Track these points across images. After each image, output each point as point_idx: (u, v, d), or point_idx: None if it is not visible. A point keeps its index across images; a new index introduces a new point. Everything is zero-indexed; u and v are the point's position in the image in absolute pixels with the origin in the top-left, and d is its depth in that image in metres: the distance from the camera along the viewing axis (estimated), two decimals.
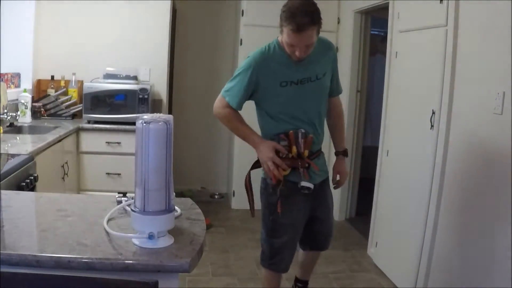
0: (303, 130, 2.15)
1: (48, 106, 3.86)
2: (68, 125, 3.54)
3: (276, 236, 2.26)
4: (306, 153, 2.15)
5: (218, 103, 2.25)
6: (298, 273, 2.67)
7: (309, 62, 2.16)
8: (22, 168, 2.32)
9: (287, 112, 2.18)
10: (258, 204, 2.34)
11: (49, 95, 3.88)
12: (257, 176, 2.32)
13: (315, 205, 2.31)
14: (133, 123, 1.33)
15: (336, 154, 2.44)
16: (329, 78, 2.28)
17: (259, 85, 2.15)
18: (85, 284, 1.06)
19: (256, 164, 2.25)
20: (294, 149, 2.13)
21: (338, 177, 2.42)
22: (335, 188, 2.46)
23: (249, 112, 2.31)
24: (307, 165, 2.15)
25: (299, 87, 2.15)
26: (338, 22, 4.48)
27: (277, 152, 2.12)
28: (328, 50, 2.27)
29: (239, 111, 2.24)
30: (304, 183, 2.13)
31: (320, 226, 2.40)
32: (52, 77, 4.01)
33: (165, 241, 1.31)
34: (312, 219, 2.34)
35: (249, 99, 2.22)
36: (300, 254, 2.55)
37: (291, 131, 2.14)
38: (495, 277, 2.20)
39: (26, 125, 3.52)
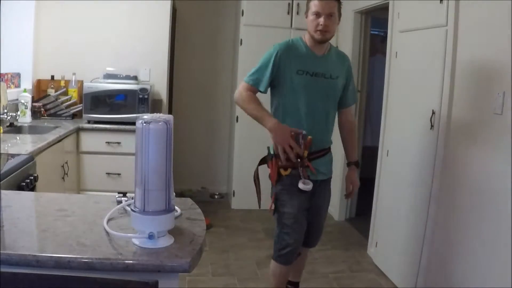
0: (304, 132, 2.24)
1: (48, 106, 3.86)
2: (68, 125, 3.54)
3: (284, 227, 2.36)
4: (306, 153, 2.26)
5: (240, 88, 2.37)
6: (289, 275, 2.68)
7: (327, 59, 2.37)
8: (22, 168, 2.32)
9: (297, 103, 2.31)
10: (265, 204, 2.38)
11: (49, 95, 3.88)
12: (266, 171, 2.43)
13: (313, 201, 2.41)
14: (133, 123, 1.33)
15: (348, 164, 2.56)
16: (342, 84, 2.42)
17: (279, 71, 2.30)
18: (85, 284, 1.06)
19: (263, 161, 2.40)
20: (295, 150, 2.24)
21: (350, 188, 2.53)
22: (346, 197, 2.60)
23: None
24: (306, 165, 2.27)
25: (314, 79, 2.31)
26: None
27: (276, 157, 2.25)
28: (344, 60, 2.48)
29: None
30: (301, 186, 2.26)
31: (313, 221, 2.48)
32: (52, 77, 4.01)
33: (165, 241, 1.31)
34: (307, 213, 2.43)
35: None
36: None
37: (292, 133, 2.24)
38: (495, 277, 2.20)
39: (26, 125, 3.52)
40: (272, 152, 2.35)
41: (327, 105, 2.39)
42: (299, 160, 2.25)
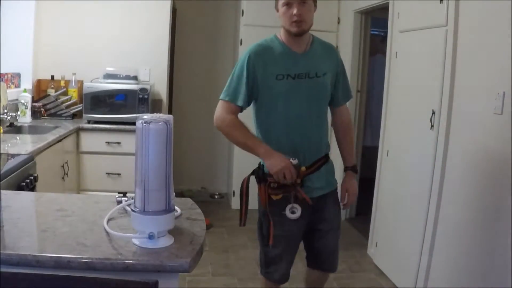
0: (294, 162, 1.92)
1: (48, 106, 3.86)
2: (68, 125, 3.54)
3: (270, 246, 2.11)
4: (299, 181, 1.96)
5: (219, 110, 2.04)
6: None
7: (310, 55, 2.06)
8: (22, 168, 2.32)
9: (281, 114, 2.02)
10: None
11: (49, 95, 3.88)
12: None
13: (314, 219, 2.14)
14: (133, 123, 1.33)
15: (345, 170, 2.24)
16: (330, 80, 2.11)
17: (256, 78, 1.99)
18: (85, 284, 1.06)
19: (254, 172, 2.09)
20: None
21: (346, 197, 2.21)
22: (343, 208, 2.25)
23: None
24: (298, 192, 1.99)
25: (296, 82, 2.00)
26: (338, 22, 4.48)
27: (265, 182, 1.99)
28: (331, 52, 2.17)
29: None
30: (288, 214, 1.99)
31: (321, 242, 2.20)
32: (52, 77, 4.01)
33: (165, 241, 1.31)
34: (312, 233, 2.18)
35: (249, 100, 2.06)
36: (306, 271, 2.38)
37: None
38: (495, 277, 2.20)
39: (26, 125, 3.52)
40: (262, 172, 2.03)
41: (318, 108, 2.09)
42: (292, 188, 1.96)
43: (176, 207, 1.46)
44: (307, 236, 2.20)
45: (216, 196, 5.06)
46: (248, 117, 2.14)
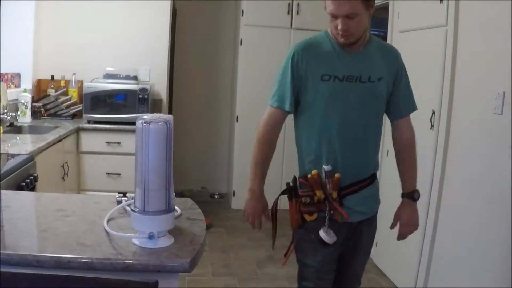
0: (326, 168, 1.73)
1: (48, 106, 3.86)
2: (68, 125, 3.54)
3: (303, 278, 1.91)
4: (335, 194, 1.75)
5: (264, 117, 1.83)
6: None
7: (364, 57, 1.79)
8: (22, 168, 2.32)
9: (322, 119, 1.77)
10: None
11: (49, 95, 3.88)
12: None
13: (347, 244, 1.91)
14: (133, 123, 1.33)
15: (402, 195, 1.94)
16: (387, 87, 1.82)
17: (301, 77, 1.77)
18: (85, 284, 1.06)
19: (286, 190, 1.87)
20: (319, 193, 1.75)
21: (398, 226, 1.91)
22: (397, 239, 2.00)
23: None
24: (335, 208, 1.77)
25: (344, 85, 1.74)
26: None
27: (297, 197, 1.79)
28: (389, 55, 1.89)
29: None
30: (323, 236, 1.77)
31: (345, 268, 1.98)
32: (52, 77, 4.01)
33: (165, 241, 1.31)
34: (340, 257, 1.95)
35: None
36: None
37: (310, 174, 1.75)
38: (495, 277, 2.20)
39: (26, 125, 3.52)
40: (293, 184, 1.82)
41: (367, 119, 1.80)
42: (326, 203, 1.75)
43: (176, 207, 1.46)
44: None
45: (216, 196, 5.06)
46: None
